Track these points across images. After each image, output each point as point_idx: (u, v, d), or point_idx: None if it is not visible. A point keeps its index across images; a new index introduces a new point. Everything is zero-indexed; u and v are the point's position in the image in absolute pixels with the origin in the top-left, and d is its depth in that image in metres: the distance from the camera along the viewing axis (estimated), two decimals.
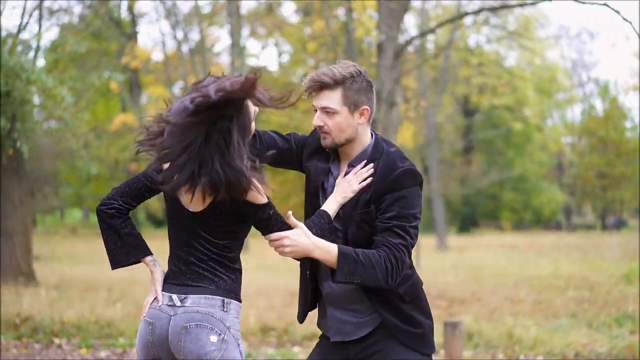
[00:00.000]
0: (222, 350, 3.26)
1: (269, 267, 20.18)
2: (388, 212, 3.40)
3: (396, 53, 16.10)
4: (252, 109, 3.32)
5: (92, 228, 50.54)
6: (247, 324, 10.13)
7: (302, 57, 36.08)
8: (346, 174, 3.56)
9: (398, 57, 16.16)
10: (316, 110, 3.52)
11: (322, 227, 3.39)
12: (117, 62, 36.89)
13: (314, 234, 3.35)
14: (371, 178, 3.48)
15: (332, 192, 3.57)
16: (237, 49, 30.78)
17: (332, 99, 3.44)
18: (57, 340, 9.81)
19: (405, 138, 30.03)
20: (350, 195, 3.49)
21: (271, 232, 3.32)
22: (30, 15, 20.98)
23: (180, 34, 32.96)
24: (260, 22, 35.64)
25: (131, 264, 3.51)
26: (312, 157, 3.70)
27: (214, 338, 3.25)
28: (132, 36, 38.03)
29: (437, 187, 31.03)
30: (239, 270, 3.45)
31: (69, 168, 37.36)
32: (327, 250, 3.32)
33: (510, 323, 10.32)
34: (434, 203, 31.77)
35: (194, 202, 3.33)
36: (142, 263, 3.52)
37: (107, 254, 3.49)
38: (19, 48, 18.09)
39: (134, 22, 38.78)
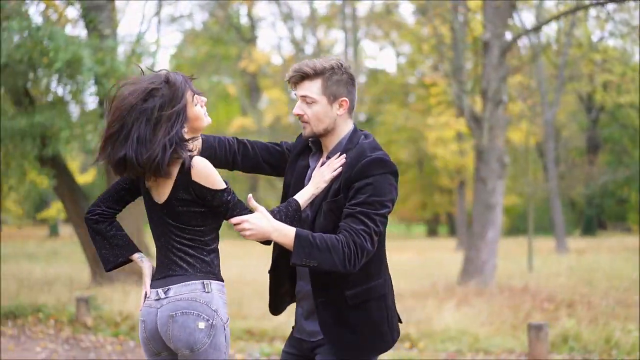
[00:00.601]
0: (212, 337, 3.35)
1: None
2: (355, 199, 3.43)
3: (502, 51, 15.80)
4: (189, 98, 3.46)
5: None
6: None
7: (419, 58, 35.82)
8: (322, 164, 3.61)
9: (505, 55, 15.85)
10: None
11: (287, 214, 3.45)
12: (236, 67, 37.58)
13: (277, 219, 3.39)
14: (341, 168, 3.52)
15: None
16: (353, 51, 30.85)
17: (312, 88, 3.56)
18: None
19: (517, 137, 29.41)
20: (323, 185, 3.54)
21: (232, 217, 3.38)
22: (149, 22, 21.54)
23: (297, 37, 33.27)
24: (377, 23, 35.56)
25: (121, 264, 3.64)
26: (297, 159, 3.78)
27: (201, 324, 3.33)
28: (251, 40, 38.61)
29: (555, 186, 30.20)
30: (215, 251, 3.51)
31: None
32: (285, 234, 3.35)
33: (613, 327, 9.94)
34: (552, 203, 30.93)
35: (159, 193, 3.45)
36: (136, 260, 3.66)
37: (99, 258, 3.65)
38: (134, 53, 18.57)
39: (253, 26, 39.36)
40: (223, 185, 3.39)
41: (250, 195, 3.42)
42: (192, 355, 3.35)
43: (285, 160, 3.87)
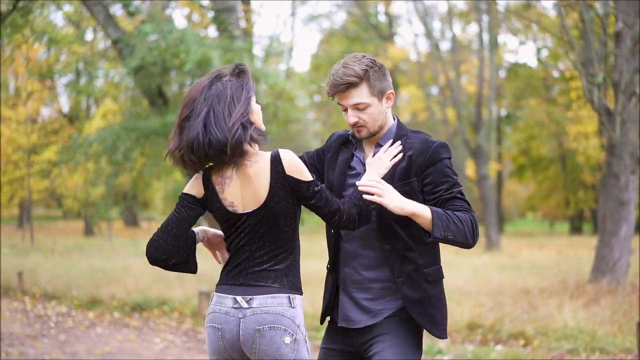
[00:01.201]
0: (295, 351, 3.31)
1: (513, 266, 19.75)
2: (442, 184, 3.56)
3: (635, 41, 15.26)
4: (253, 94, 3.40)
5: None
6: (453, 321, 10.07)
7: (560, 52, 34.89)
8: (374, 154, 3.65)
9: (637, 46, 15.30)
10: (345, 110, 3.64)
11: (357, 201, 3.45)
12: None
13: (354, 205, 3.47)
14: (401, 154, 3.61)
15: (360, 172, 3.68)
16: (489, 45, 30.41)
17: (361, 94, 3.58)
18: None
19: None
20: (384, 172, 3.58)
21: (332, 206, 3.37)
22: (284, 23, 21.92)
23: (434, 34, 33.04)
24: (517, 17, 34.89)
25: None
26: (337, 156, 3.80)
27: (287, 339, 3.29)
28: (389, 38, 38.63)
29: None
30: (297, 262, 3.45)
31: None
32: (418, 206, 3.42)
33: None
34: None
35: (243, 200, 3.36)
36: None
37: None
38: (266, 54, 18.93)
39: (390, 23, 39.37)
40: (310, 177, 3.36)
41: None
42: None
43: (318, 173, 3.91)
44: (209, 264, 21.50)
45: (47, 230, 40.39)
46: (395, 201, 3.38)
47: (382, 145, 3.67)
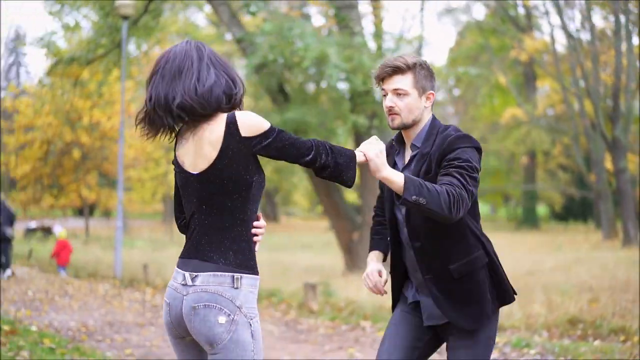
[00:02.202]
0: (231, 332, 3.18)
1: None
2: (448, 166, 3.59)
3: None
4: None
5: (495, 221, 51.22)
6: (556, 316, 9.94)
7: None
8: (412, 157, 3.79)
9: None
10: (385, 95, 3.79)
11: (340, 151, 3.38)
12: (508, 57, 37.07)
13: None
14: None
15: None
16: (629, 35, 29.40)
17: (404, 82, 3.75)
18: (363, 323, 10.40)
19: None
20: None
21: (303, 144, 3.25)
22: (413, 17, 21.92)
23: (574, 25, 32.25)
24: None
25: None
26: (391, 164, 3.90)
27: (222, 319, 3.18)
28: (527, 29, 37.93)
29: None
30: (248, 237, 3.31)
31: None
32: (394, 172, 3.47)
33: None
34: None
35: (195, 161, 3.29)
36: None
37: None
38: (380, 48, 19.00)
39: (528, 16, 38.63)
40: (268, 124, 3.24)
41: None
42: (212, 350, 3.22)
43: None
44: (322, 257, 21.70)
45: None
46: (377, 164, 3.43)
47: (418, 147, 3.78)
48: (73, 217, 49.30)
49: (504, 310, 9.89)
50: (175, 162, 3.40)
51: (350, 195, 32.22)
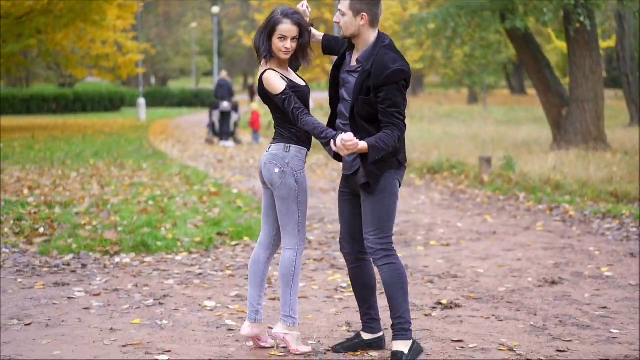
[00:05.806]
0: (282, 178, 5.10)
1: None
2: (386, 102, 4.82)
3: None
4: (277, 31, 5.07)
5: None
6: None
7: None
8: (356, 68, 4.99)
9: None
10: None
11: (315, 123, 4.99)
12: None
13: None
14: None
15: (344, 84, 5.07)
16: None
17: (344, 4, 4.95)
18: (518, 194, 11.48)
19: None
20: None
21: (291, 113, 5.01)
22: None
23: None
24: None
25: None
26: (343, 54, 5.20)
27: (277, 170, 5.11)
28: None
29: None
30: (297, 128, 5.11)
31: None
32: (362, 145, 4.79)
33: None
34: None
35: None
36: None
37: None
38: None
39: None
40: (280, 90, 4.99)
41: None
42: (273, 188, 5.17)
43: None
44: (506, 134, 21.87)
45: (436, 96, 43.09)
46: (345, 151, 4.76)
47: (359, 61, 4.95)
48: None
49: None
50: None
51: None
